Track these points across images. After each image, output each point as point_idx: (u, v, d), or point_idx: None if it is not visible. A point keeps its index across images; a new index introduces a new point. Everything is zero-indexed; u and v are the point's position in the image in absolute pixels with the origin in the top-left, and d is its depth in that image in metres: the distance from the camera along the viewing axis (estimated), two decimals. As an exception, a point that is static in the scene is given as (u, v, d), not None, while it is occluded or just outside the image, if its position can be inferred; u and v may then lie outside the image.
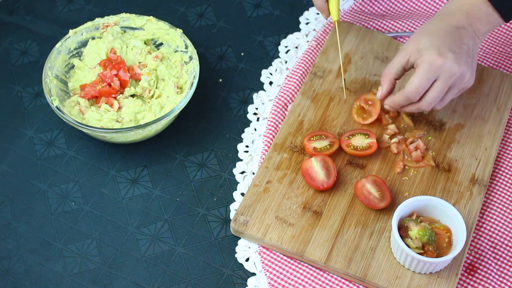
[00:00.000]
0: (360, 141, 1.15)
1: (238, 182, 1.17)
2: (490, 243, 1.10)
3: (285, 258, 1.09)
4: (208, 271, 1.09)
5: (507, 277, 1.07)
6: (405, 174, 1.15)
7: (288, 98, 1.24)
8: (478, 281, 1.07)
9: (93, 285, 1.08)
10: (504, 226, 1.11)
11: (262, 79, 1.29)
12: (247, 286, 1.08)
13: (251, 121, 1.24)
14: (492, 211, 1.13)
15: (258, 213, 1.11)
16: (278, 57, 1.32)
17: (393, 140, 1.17)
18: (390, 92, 1.14)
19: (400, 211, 1.04)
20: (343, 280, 1.07)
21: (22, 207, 1.16)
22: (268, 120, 1.22)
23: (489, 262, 1.08)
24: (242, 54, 1.33)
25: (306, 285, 1.06)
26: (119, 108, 1.19)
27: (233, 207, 1.15)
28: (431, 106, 1.10)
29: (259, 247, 1.10)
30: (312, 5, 1.38)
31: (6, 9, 1.40)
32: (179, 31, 1.25)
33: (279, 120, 1.22)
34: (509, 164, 1.18)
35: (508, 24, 1.33)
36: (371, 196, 1.10)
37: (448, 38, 1.07)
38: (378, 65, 1.26)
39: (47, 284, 1.08)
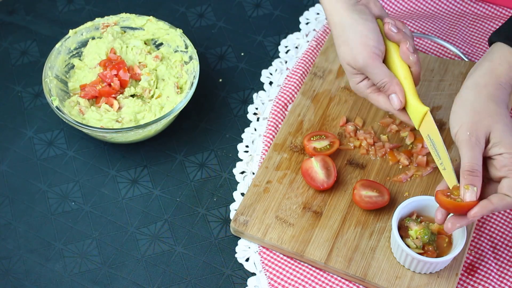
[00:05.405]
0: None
1: (238, 182, 1.17)
2: (490, 243, 1.10)
3: (285, 258, 1.09)
4: (208, 271, 1.09)
5: (507, 277, 1.07)
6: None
7: (288, 98, 1.24)
8: (478, 281, 1.07)
9: (93, 285, 1.08)
10: (504, 226, 1.11)
11: (262, 79, 1.29)
12: (247, 286, 1.08)
13: (251, 121, 1.24)
14: (492, 211, 1.13)
15: (258, 213, 1.11)
16: (278, 57, 1.32)
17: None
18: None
19: (400, 211, 1.04)
20: (343, 280, 1.07)
21: (22, 207, 1.16)
22: (268, 120, 1.22)
23: (489, 262, 1.08)
24: (242, 54, 1.33)
25: (306, 285, 1.06)
26: (119, 108, 1.19)
27: (233, 207, 1.15)
28: None
29: (259, 247, 1.10)
30: (312, 5, 1.38)
31: (6, 9, 1.40)
32: (179, 31, 1.25)
33: (279, 120, 1.22)
34: (509, 164, 1.18)
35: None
36: (372, 199, 1.09)
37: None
38: (378, 65, 1.26)
39: (47, 284, 1.08)
